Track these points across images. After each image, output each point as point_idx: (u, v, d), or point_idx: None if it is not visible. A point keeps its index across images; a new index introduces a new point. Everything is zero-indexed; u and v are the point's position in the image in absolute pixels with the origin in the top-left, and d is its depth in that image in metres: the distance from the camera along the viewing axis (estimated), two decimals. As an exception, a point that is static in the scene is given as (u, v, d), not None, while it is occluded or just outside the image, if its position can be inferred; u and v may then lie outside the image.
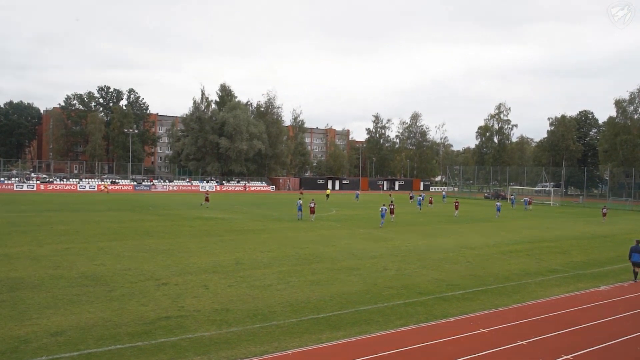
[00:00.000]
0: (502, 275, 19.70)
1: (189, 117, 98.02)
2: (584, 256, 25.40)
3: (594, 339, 12.48)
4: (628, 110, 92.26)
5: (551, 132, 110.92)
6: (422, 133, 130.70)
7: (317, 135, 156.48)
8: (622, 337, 12.68)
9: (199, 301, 14.57)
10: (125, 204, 50.32)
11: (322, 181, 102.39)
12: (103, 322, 12.34)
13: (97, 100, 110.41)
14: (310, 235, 29.99)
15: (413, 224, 38.54)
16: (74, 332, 11.54)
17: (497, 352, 11.33)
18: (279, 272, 18.88)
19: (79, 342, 10.97)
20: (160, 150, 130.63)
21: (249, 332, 12.05)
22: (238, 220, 37.62)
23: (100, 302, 14.07)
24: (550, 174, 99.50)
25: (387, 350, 11.16)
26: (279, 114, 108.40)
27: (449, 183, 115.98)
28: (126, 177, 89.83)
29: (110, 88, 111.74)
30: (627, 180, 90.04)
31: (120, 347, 10.75)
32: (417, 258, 22.98)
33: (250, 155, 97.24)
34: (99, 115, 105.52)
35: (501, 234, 33.75)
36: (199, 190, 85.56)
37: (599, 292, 17.77)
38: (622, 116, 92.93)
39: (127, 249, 22.91)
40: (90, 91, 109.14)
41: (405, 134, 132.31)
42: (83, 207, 45.88)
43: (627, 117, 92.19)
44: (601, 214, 48.03)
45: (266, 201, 61.57)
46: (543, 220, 46.22)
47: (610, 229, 39.86)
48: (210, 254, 22.34)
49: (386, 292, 16.43)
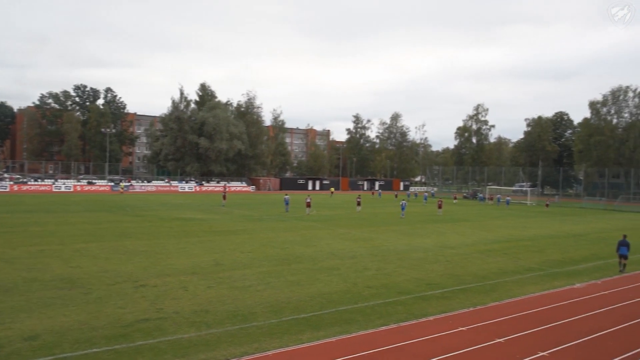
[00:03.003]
0: (480, 274, 19.94)
1: (167, 117, 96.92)
2: (560, 255, 25.85)
3: (569, 335, 12.70)
4: (602, 112, 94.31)
5: (528, 132, 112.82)
6: (402, 133, 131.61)
7: (298, 136, 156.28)
8: (596, 334, 12.94)
9: (178, 303, 14.41)
10: (102, 205, 49.55)
11: (303, 181, 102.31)
12: (79, 326, 12.11)
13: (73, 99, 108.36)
14: (291, 235, 29.93)
15: (393, 223, 38.76)
16: (48, 336, 11.31)
17: (476, 350, 11.45)
18: (259, 273, 18.79)
19: (53, 346, 10.75)
20: (139, 150, 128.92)
21: (229, 334, 11.97)
22: (217, 220, 37.35)
23: (76, 305, 13.82)
24: (527, 174, 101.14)
25: (368, 350, 11.19)
26: (259, 114, 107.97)
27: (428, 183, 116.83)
28: (103, 177, 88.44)
29: (86, 87, 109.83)
30: (600, 180, 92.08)
31: (97, 351, 10.57)
32: (397, 257, 23.11)
33: (230, 156, 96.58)
34: (75, 115, 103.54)
35: (480, 233, 34.15)
36: (178, 190, 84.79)
37: (573, 289, 18.11)
38: (596, 118, 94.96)
39: (104, 251, 22.56)
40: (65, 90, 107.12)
41: (386, 134, 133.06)
42: (58, 208, 45.04)
43: (600, 119, 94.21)
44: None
45: (246, 201, 61.25)
46: (520, 219, 46.92)
47: (585, 227, 40.66)
48: (189, 255, 22.13)
49: (366, 291, 16.48)
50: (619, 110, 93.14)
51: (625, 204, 71.99)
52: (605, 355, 11.45)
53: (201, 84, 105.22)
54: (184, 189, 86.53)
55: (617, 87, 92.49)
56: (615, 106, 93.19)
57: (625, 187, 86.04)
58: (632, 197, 78.50)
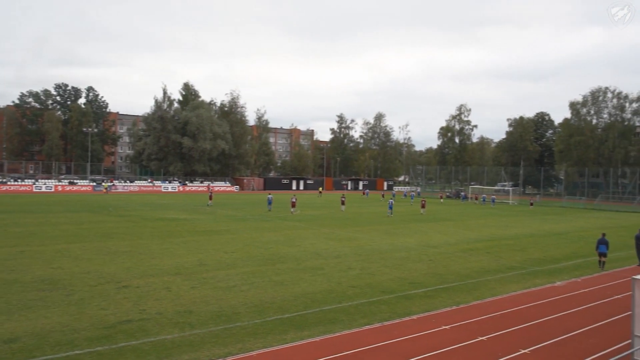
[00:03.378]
0: (463, 273, 20.14)
1: (150, 116, 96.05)
2: (541, 253, 26.22)
3: (550, 333, 12.91)
4: (582, 113, 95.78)
5: (510, 133, 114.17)
6: (386, 133, 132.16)
7: (282, 135, 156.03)
8: (575, 331, 13.17)
9: (161, 304, 14.33)
10: (84, 205, 48.94)
11: (287, 181, 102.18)
12: (60, 328, 11.98)
13: (54, 98, 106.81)
14: (275, 235, 29.90)
15: (377, 223, 38.94)
16: (29, 339, 11.16)
17: (458, 348, 11.58)
18: (242, 273, 18.75)
19: (34, 348, 10.61)
20: (121, 150, 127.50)
21: (213, 334, 11.93)
22: (201, 221, 37.15)
23: (58, 307, 13.65)
24: (509, 174, 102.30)
25: (351, 349, 11.25)
26: (243, 114, 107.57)
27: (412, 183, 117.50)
28: (85, 177, 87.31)
29: (68, 86, 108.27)
30: (580, 180, 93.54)
31: (79, 353, 10.47)
32: (381, 257, 23.23)
33: (213, 155, 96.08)
34: (56, 114, 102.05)
35: (462, 232, 34.48)
36: (161, 190, 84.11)
37: (554, 287, 18.39)
38: (576, 118, 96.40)
39: (86, 252, 22.31)
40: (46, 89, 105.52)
41: (369, 134, 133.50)
42: (39, 208, 44.37)
43: (580, 119, 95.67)
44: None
45: (230, 201, 60.98)
46: (502, 218, 47.46)
47: (565, 226, 41.28)
48: (172, 256, 21.99)
49: (350, 291, 16.55)
50: (599, 111, 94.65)
51: (604, 202, 73.24)
52: (585, 352, 11.67)
53: (184, 84, 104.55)
54: (167, 189, 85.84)
55: (596, 88, 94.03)
56: (594, 107, 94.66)
57: (604, 186, 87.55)
58: (611, 197, 79.87)
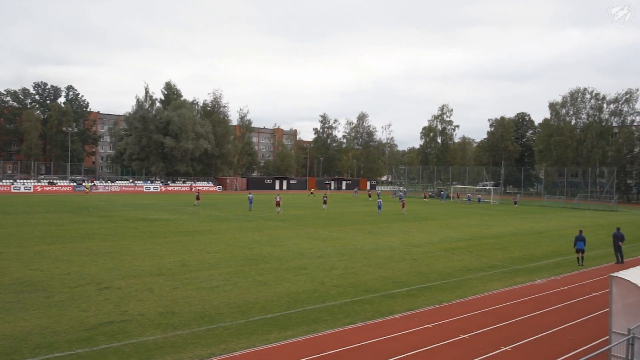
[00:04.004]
0: (445, 272, 20.32)
1: (132, 116, 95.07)
2: (522, 252, 26.56)
3: (530, 330, 13.10)
4: (561, 113, 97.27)
5: (491, 133, 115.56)
6: (369, 133, 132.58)
7: (265, 135, 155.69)
8: (555, 328, 13.39)
9: (143, 305, 14.20)
10: (64, 206, 48.23)
11: (270, 181, 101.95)
12: (40, 330, 11.80)
13: (33, 97, 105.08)
14: (258, 235, 29.82)
15: (361, 222, 39.07)
16: (7, 342, 10.97)
17: (441, 347, 11.69)
18: (226, 273, 18.67)
19: (12, 352, 10.44)
20: (102, 149, 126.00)
21: (196, 335, 11.87)
22: (184, 221, 36.87)
23: (37, 309, 13.44)
24: (490, 173, 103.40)
25: (335, 349, 11.28)
26: (226, 114, 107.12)
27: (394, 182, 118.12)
28: (65, 177, 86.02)
29: (47, 84, 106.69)
30: (560, 179, 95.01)
31: (59, 356, 10.33)
32: (364, 256, 23.32)
33: (196, 155, 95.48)
34: (35, 113, 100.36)
35: (445, 231, 34.77)
36: (143, 190, 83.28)
37: (534, 285, 18.66)
38: (556, 118, 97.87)
39: (66, 253, 21.99)
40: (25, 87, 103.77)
41: (352, 134, 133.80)
42: (18, 209, 43.60)
43: (560, 120, 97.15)
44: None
45: (213, 201, 60.62)
46: (484, 217, 47.96)
47: (545, 225, 41.88)
48: (154, 256, 21.79)
49: (333, 290, 16.59)
50: (577, 112, 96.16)
51: (583, 201, 74.46)
52: (564, 348, 11.87)
53: (166, 83, 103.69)
54: (149, 189, 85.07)
55: (575, 89, 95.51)
56: (573, 108, 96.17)
57: (582, 185, 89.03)
58: (589, 196, 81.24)
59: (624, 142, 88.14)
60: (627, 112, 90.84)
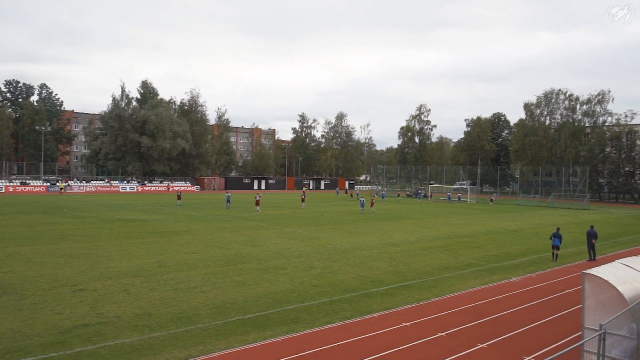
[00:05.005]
0: (422, 271, 20.50)
1: (107, 115, 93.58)
2: (497, 250, 26.95)
3: (506, 327, 13.31)
4: (535, 114, 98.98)
5: (468, 133, 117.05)
6: (348, 133, 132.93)
7: (243, 135, 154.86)
8: (530, 324, 13.63)
9: (119, 307, 13.99)
10: (37, 206, 47.22)
11: (248, 181, 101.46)
12: (11, 334, 11.52)
13: (4, 95, 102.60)
14: (236, 235, 29.65)
15: (339, 222, 39.15)
16: (-22, 346, 10.70)
17: (419, 345, 11.79)
18: (204, 274, 18.52)
19: (-16, 356, 10.19)
20: (77, 149, 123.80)
21: (173, 337, 11.74)
22: (161, 221, 36.44)
23: (8, 313, 13.13)
24: (467, 173, 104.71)
25: (314, 348, 11.29)
26: (204, 113, 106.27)
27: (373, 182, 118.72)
28: (38, 177, 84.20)
29: (19, 82, 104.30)
30: (534, 178, 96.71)
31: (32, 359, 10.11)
32: (342, 256, 23.38)
33: (173, 155, 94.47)
34: (6, 111, 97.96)
35: (422, 231, 35.07)
36: (119, 191, 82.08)
37: (510, 283, 18.96)
38: (530, 119, 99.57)
39: (39, 254, 21.54)
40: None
41: (331, 133, 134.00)
42: (-12, 210, 42.53)
43: (534, 120, 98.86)
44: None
45: (190, 201, 60.03)
46: (460, 217, 48.52)
47: (520, 224, 42.58)
48: (131, 257, 21.49)
49: (312, 290, 16.59)
50: (551, 112, 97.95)
51: (557, 200, 75.87)
52: (539, 344, 12.08)
53: (143, 81, 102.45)
54: (126, 189, 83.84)
55: (549, 90, 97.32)
56: (547, 108, 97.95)
57: (556, 184, 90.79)
58: (563, 194, 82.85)
59: (596, 142, 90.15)
60: (599, 112, 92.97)
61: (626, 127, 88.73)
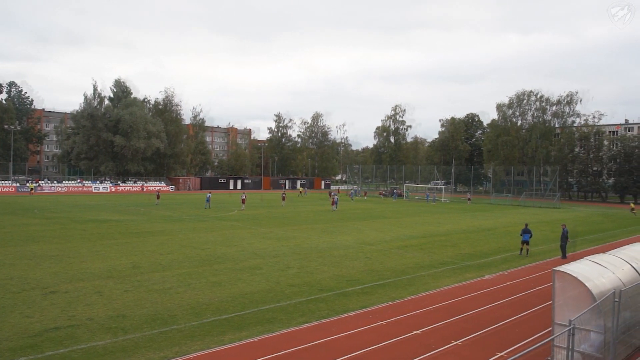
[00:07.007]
0: (398, 269, 20.69)
1: (79, 114, 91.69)
2: (471, 248, 27.37)
3: (480, 324, 13.54)
4: (507, 114, 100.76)
5: (442, 133, 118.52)
6: (324, 133, 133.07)
7: (218, 135, 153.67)
8: (503, 321, 13.90)
9: (92, 309, 13.76)
10: (6, 207, 46.02)
11: (224, 180, 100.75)
12: (-20, 338, 11.24)
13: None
14: (212, 235, 29.43)
15: (315, 221, 39.20)
16: (-56, 351, 10.41)
17: (395, 343, 11.91)
18: (179, 275, 18.34)
19: (-49, 361, 9.92)
20: (48, 148, 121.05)
21: (148, 338, 11.61)
22: (135, 222, 35.92)
23: (-23, 316, 12.80)
24: (442, 172, 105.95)
25: (290, 348, 11.30)
26: (178, 112, 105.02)
27: (348, 182, 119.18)
28: (7, 177, 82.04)
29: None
30: (507, 178, 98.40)
31: (1, 364, 9.89)
32: (319, 255, 23.43)
33: (148, 154, 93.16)
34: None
35: (397, 230, 35.37)
36: (92, 191, 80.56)
37: (483, 280, 19.29)
38: (503, 119, 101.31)
39: (8, 256, 21.01)
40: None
41: (307, 133, 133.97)
42: (-46, 211, 41.28)
43: (507, 120, 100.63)
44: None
45: (165, 201, 59.30)
46: (435, 216, 49.08)
47: (493, 222, 43.31)
48: (104, 259, 21.15)
49: (288, 290, 16.60)
50: (523, 113, 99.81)
51: (528, 199, 77.41)
52: (512, 340, 12.34)
53: (116, 80, 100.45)
54: (99, 189, 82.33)
55: (521, 91, 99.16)
56: (519, 109, 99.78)
57: (528, 184, 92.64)
58: (534, 194, 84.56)
59: (565, 142, 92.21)
60: (568, 113, 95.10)
61: (594, 128, 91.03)
